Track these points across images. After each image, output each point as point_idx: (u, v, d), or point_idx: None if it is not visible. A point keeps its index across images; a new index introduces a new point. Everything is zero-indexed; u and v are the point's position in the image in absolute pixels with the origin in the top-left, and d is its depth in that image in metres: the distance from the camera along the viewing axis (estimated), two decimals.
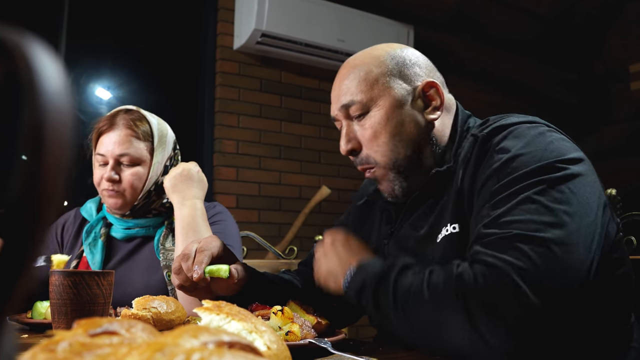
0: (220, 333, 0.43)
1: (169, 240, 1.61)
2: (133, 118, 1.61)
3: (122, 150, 1.56)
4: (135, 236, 1.65)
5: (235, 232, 1.65)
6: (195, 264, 1.10)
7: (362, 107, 1.13)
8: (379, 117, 1.12)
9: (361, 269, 1.02)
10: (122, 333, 0.45)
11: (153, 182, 1.62)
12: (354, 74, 1.15)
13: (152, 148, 1.61)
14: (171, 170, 1.59)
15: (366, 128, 1.13)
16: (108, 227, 1.66)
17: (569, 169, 0.93)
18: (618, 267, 0.99)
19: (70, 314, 1.00)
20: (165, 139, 1.65)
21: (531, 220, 0.88)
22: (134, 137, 1.58)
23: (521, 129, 1.02)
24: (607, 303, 0.98)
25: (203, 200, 1.56)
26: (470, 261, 0.90)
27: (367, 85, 1.13)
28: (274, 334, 0.64)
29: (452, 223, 1.05)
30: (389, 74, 1.14)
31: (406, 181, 1.14)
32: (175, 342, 0.40)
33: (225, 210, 1.71)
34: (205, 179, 1.62)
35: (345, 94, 1.16)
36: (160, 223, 1.66)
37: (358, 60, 1.18)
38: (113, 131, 1.58)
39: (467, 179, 1.04)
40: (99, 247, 1.62)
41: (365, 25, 3.98)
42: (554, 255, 0.84)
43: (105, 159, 1.58)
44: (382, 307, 0.96)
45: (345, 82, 1.16)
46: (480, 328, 0.84)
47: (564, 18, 5.15)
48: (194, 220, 1.47)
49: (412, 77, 1.15)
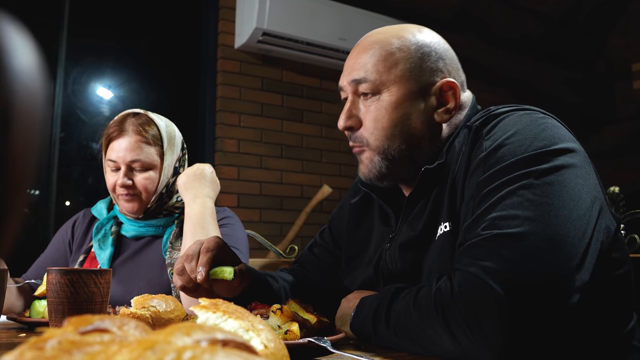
0: (214, 331, 0.42)
1: (178, 240, 1.62)
2: (141, 122, 1.62)
3: (133, 157, 1.58)
4: (145, 235, 1.68)
5: (243, 236, 1.66)
6: (199, 265, 1.08)
7: (373, 87, 1.09)
8: (386, 103, 1.08)
9: (361, 304, 1.03)
10: (114, 331, 0.43)
11: (164, 185, 1.64)
12: (375, 50, 1.10)
13: (162, 152, 1.63)
14: (186, 169, 1.60)
15: (371, 110, 1.10)
16: (119, 226, 1.68)
17: (558, 159, 0.89)
18: (618, 266, 0.96)
19: (68, 312, 0.99)
20: (174, 141, 1.67)
21: (514, 215, 0.84)
22: (144, 142, 1.60)
23: (513, 117, 0.99)
24: (607, 303, 0.95)
25: (214, 200, 1.57)
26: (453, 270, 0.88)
27: (384, 67, 1.08)
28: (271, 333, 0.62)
29: (445, 222, 1.02)
30: (410, 62, 1.08)
31: (387, 169, 1.11)
32: (167, 339, 0.39)
33: (234, 216, 1.73)
34: (217, 181, 1.63)
35: (360, 69, 1.10)
36: (171, 222, 1.68)
37: (383, 35, 1.12)
38: (123, 137, 1.59)
39: (460, 172, 1.02)
40: (108, 244, 1.64)
41: (367, 23, 3.97)
42: (535, 252, 0.80)
43: (117, 165, 1.60)
44: (380, 332, 0.96)
45: (364, 56, 1.10)
46: (461, 340, 0.82)
47: (568, 17, 5.13)
48: (204, 217, 1.48)
49: (433, 72, 1.09)
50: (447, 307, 0.84)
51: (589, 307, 0.84)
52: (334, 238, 1.40)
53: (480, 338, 0.80)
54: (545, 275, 0.80)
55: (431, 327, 0.86)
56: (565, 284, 0.80)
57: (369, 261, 1.23)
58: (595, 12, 5.17)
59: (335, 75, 4.12)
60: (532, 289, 0.79)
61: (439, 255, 1.02)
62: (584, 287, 0.82)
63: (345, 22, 3.92)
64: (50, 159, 3.40)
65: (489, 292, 0.80)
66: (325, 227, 1.45)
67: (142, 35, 3.99)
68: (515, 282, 0.79)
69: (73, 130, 3.57)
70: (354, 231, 1.32)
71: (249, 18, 3.73)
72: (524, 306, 0.79)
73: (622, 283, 0.97)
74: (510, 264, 0.80)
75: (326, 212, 3.95)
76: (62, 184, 3.47)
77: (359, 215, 1.33)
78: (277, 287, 1.31)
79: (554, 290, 0.80)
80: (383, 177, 1.13)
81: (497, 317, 0.79)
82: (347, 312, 1.09)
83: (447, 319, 0.84)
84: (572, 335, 0.87)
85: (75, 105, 3.61)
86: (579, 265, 0.82)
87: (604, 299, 0.94)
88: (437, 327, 0.85)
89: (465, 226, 0.92)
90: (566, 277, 0.81)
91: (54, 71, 3.49)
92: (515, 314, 0.79)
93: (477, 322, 0.80)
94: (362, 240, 1.29)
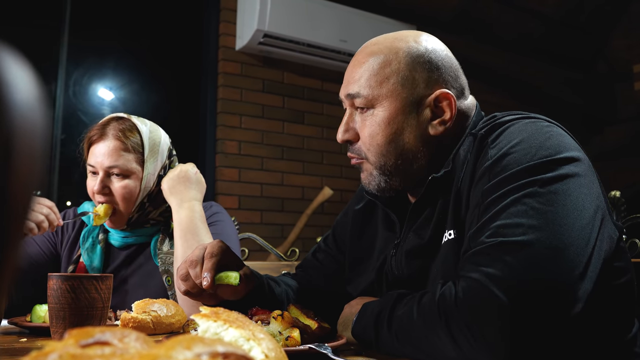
0: (215, 343, 0.42)
1: (166, 243, 1.59)
2: (123, 128, 1.56)
3: (110, 163, 1.53)
4: (133, 243, 1.63)
5: (232, 232, 1.63)
6: (204, 271, 1.07)
7: (366, 102, 1.09)
8: (379, 119, 1.08)
9: (363, 310, 1.03)
10: (115, 343, 0.43)
11: (146, 194, 1.58)
12: (368, 64, 1.10)
13: (142, 159, 1.57)
14: (169, 172, 1.57)
15: (366, 125, 1.11)
16: (106, 234, 1.64)
17: (563, 168, 0.89)
18: (621, 275, 0.96)
19: (69, 318, 0.99)
20: (158, 148, 1.61)
21: (518, 224, 0.84)
22: (122, 149, 1.54)
23: (518, 125, 0.99)
24: (610, 311, 0.95)
25: (201, 202, 1.54)
26: (458, 277, 0.88)
27: (376, 81, 1.08)
28: (272, 342, 0.62)
29: (449, 229, 1.02)
30: (402, 75, 1.08)
31: (386, 183, 1.13)
32: (167, 354, 0.39)
33: (222, 210, 1.69)
34: (203, 180, 1.59)
35: (354, 83, 1.11)
36: (157, 231, 1.64)
37: (377, 47, 1.12)
38: (103, 142, 1.55)
39: (465, 180, 1.02)
40: (97, 253, 1.60)
41: (368, 25, 3.97)
42: (540, 260, 0.81)
43: (95, 170, 1.56)
44: (381, 338, 0.96)
45: (358, 70, 1.11)
46: (463, 346, 0.82)
47: (569, 18, 5.13)
48: (193, 223, 1.45)
49: (427, 83, 1.08)
50: (450, 313, 0.84)
51: (591, 315, 0.84)
52: (338, 244, 1.40)
53: (482, 345, 0.80)
54: (549, 284, 0.80)
55: (434, 333, 0.86)
56: (568, 293, 0.80)
57: (373, 267, 1.23)
58: (597, 12, 5.17)
59: (336, 77, 4.12)
60: (536, 297, 0.79)
61: (443, 263, 1.02)
62: (587, 296, 0.82)
63: (346, 23, 3.92)
64: (51, 161, 3.40)
65: (492, 299, 0.80)
66: (329, 232, 1.45)
67: (143, 37, 3.99)
68: (518, 289, 0.79)
69: (74, 132, 3.56)
70: (357, 237, 1.32)
71: (250, 20, 3.74)
72: (527, 314, 0.79)
73: (625, 291, 0.97)
74: (514, 271, 0.80)
75: (327, 214, 3.95)
76: (63, 186, 3.47)
77: (363, 222, 1.33)
78: (280, 291, 1.30)
79: (557, 299, 0.80)
80: (383, 190, 1.15)
81: (500, 324, 0.79)
82: (349, 317, 1.09)
83: (450, 325, 0.84)
84: (574, 343, 0.86)
85: (77, 107, 3.61)
86: (582, 274, 0.82)
87: (607, 307, 0.93)
88: (439, 333, 0.85)
89: (470, 234, 0.92)
90: (570, 285, 0.81)
91: (55, 73, 3.49)
92: (518, 321, 0.79)
93: (479, 329, 0.80)
94: (366, 247, 1.29)
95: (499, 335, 0.79)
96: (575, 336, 0.84)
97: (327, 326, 1.03)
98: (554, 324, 0.80)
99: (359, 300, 1.11)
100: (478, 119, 1.13)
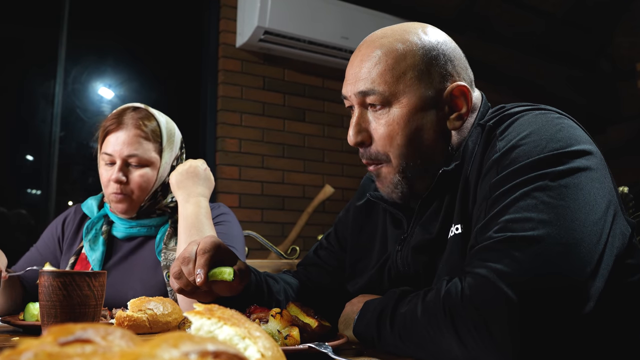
0: (205, 342, 0.39)
1: (172, 240, 1.56)
2: (141, 117, 1.56)
3: (130, 151, 1.51)
4: (137, 235, 1.61)
5: (239, 233, 1.61)
6: (197, 267, 1.03)
7: (382, 99, 1.02)
8: (398, 116, 1.02)
9: (365, 307, 1.00)
10: (97, 341, 0.40)
11: (160, 183, 1.58)
12: (380, 58, 1.02)
13: (160, 149, 1.57)
14: (178, 167, 1.55)
15: (382, 124, 1.03)
16: (110, 225, 1.62)
17: (575, 162, 0.86)
18: (633, 273, 0.92)
19: (60, 316, 0.96)
20: (174, 138, 1.61)
21: (528, 218, 0.81)
22: (142, 137, 1.53)
23: (528, 117, 0.95)
24: (621, 309, 0.91)
25: (208, 199, 1.52)
26: (464, 272, 0.85)
27: (392, 77, 1.01)
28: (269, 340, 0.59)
29: (456, 224, 0.99)
30: (419, 68, 1.01)
31: (408, 187, 1.07)
32: (152, 352, 0.36)
33: (230, 212, 1.67)
34: (212, 177, 1.57)
35: (366, 79, 1.03)
36: (164, 222, 1.62)
37: (387, 40, 1.04)
38: (121, 130, 1.53)
39: (473, 172, 0.98)
40: (99, 244, 1.58)
41: (370, 22, 3.93)
42: (550, 256, 0.77)
43: (112, 159, 1.53)
44: (383, 336, 0.93)
45: (367, 64, 1.03)
46: (469, 345, 0.79)
47: (571, 16, 5.10)
48: (198, 218, 1.42)
49: (442, 77, 1.03)
50: (456, 310, 0.81)
51: (602, 314, 0.81)
52: (340, 241, 1.37)
53: (489, 343, 0.77)
54: (560, 281, 0.77)
55: (438, 331, 0.83)
56: (579, 290, 0.77)
57: (374, 265, 1.20)
58: (599, 10, 5.14)
59: (338, 75, 4.09)
60: (546, 294, 0.76)
61: (448, 258, 0.99)
62: (598, 294, 0.79)
63: (348, 20, 3.89)
64: (50, 158, 3.37)
65: (500, 296, 0.76)
66: (331, 230, 1.42)
67: (142, 35, 3.96)
68: (528, 286, 0.76)
69: (73, 129, 3.54)
70: (358, 234, 1.29)
71: (250, 16, 3.71)
72: (536, 312, 0.76)
73: (637, 289, 0.93)
74: (524, 267, 0.77)
75: (328, 212, 3.92)
76: (62, 184, 3.44)
77: (363, 219, 1.30)
78: (278, 288, 1.27)
79: (568, 297, 0.77)
80: (405, 196, 1.09)
81: (508, 322, 0.76)
82: (350, 315, 1.06)
83: (455, 323, 0.80)
84: (585, 342, 0.83)
85: (76, 105, 3.58)
86: (594, 272, 0.79)
87: (618, 305, 0.90)
88: (444, 331, 0.82)
89: (477, 228, 0.88)
90: (581, 283, 0.77)
91: (54, 70, 3.47)
92: (527, 319, 0.75)
93: (486, 327, 0.77)
94: (366, 244, 1.26)
95: (507, 333, 0.76)
96: (586, 335, 0.81)
97: (328, 324, 1.00)
98: (564, 323, 0.77)
99: (361, 298, 1.08)
100: (486, 110, 1.10)
